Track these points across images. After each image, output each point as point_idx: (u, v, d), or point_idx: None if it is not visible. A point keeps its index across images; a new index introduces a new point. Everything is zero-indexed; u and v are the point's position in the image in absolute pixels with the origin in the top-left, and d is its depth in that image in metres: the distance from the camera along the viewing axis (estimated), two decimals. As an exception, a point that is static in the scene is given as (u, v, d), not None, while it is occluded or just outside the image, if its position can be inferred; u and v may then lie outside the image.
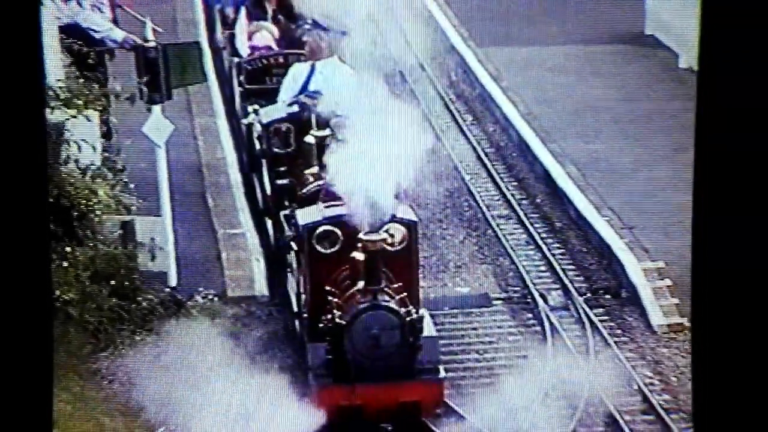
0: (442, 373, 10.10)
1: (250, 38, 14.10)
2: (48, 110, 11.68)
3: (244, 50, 14.09)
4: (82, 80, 12.17)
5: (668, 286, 12.50)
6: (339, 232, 10.28)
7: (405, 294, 9.98)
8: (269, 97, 12.88)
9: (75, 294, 11.85)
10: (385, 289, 9.91)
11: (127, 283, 12.24)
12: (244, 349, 11.95)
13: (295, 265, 11.07)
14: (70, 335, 11.83)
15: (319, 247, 10.35)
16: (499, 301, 12.67)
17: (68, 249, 11.82)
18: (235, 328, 12.24)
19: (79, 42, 12.50)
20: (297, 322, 11.09)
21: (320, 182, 10.75)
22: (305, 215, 10.66)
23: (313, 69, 12.35)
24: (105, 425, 10.91)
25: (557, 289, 12.82)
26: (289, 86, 12.47)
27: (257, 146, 12.42)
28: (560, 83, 16.94)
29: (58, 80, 12.08)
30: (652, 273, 12.69)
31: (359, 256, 9.93)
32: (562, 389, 11.36)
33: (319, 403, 10.00)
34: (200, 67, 12.70)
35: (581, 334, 12.05)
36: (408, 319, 9.78)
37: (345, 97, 11.62)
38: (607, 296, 12.70)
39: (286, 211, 11.32)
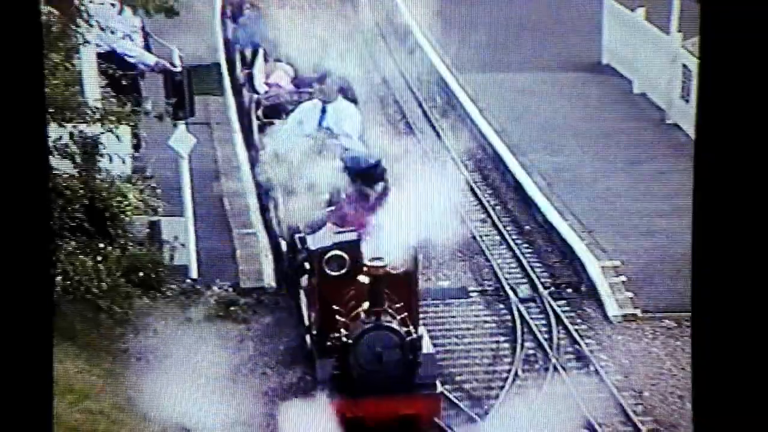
0: (439, 388, 9.89)
1: (267, 77, 13.97)
2: (84, 124, 11.71)
3: (261, 87, 13.91)
4: (115, 100, 12.17)
5: (623, 282, 12.50)
6: (347, 257, 10.03)
7: (405, 314, 9.73)
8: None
9: (107, 286, 11.84)
10: (388, 310, 9.65)
11: (153, 275, 12.23)
12: (255, 332, 12.02)
13: (306, 285, 10.85)
14: (102, 321, 11.83)
15: (328, 270, 10.09)
16: (475, 294, 12.67)
17: (101, 246, 11.80)
18: (246, 314, 12.27)
19: (113, 66, 12.49)
20: (308, 337, 10.82)
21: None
22: (316, 240, 10.40)
23: (324, 109, 12.09)
24: (133, 399, 10.89)
25: (525, 283, 12.82)
26: (298, 126, 12.14)
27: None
28: (529, 104, 16.95)
29: (95, 99, 12.10)
30: (609, 270, 12.68)
31: (364, 279, 9.71)
32: (531, 369, 11.43)
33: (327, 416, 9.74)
34: (219, 83, 12.70)
35: (546, 322, 12.05)
36: (408, 339, 9.55)
37: (355, 131, 11.62)
38: (569, 290, 12.69)
39: (300, 234, 10.94)
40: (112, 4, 12.75)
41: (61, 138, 11.44)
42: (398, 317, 9.64)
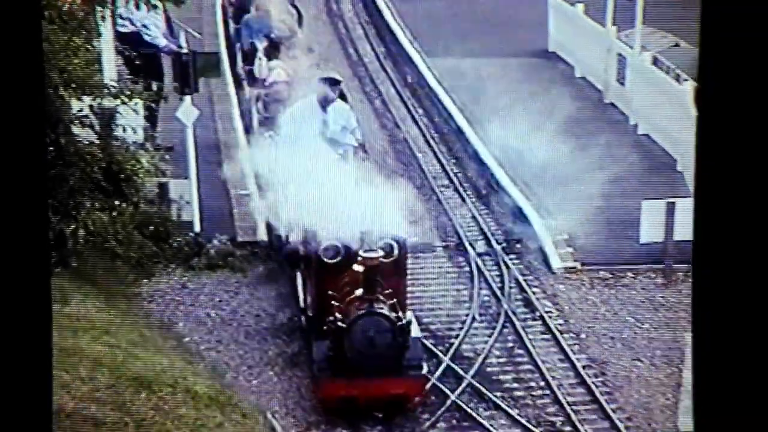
0: (425, 370, 9.53)
1: (267, 74, 13.42)
2: (102, 99, 11.52)
3: (260, 83, 13.39)
4: (130, 77, 11.97)
5: (565, 238, 12.49)
6: (340, 245, 9.61)
7: (395, 300, 9.35)
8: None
9: (122, 237, 11.69)
10: (380, 297, 9.27)
11: (161, 229, 12.06)
12: (249, 280, 11.93)
13: (303, 267, 10.37)
14: (118, 267, 11.70)
15: (324, 258, 9.66)
16: (440, 248, 12.63)
17: (117, 203, 11.64)
18: (242, 264, 12.17)
19: (128, 48, 12.26)
20: (303, 318, 10.43)
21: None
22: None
23: (326, 111, 11.43)
24: (145, 335, 10.81)
25: (482, 239, 12.78)
26: (296, 120, 11.43)
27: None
28: (486, 85, 16.82)
29: (112, 78, 11.88)
30: (552, 228, 12.66)
31: (358, 268, 9.35)
32: (486, 313, 11.41)
33: (322, 394, 9.48)
34: (219, 69, 12.49)
35: (499, 273, 12.04)
36: (398, 324, 9.19)
37: (352, 127, 11.34)
38: (519, 245, 12.65)
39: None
40: None
41: (81, 110, 11.27)
42: (389, 303, 9.27)
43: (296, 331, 10.80)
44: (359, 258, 9.32)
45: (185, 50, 12.01)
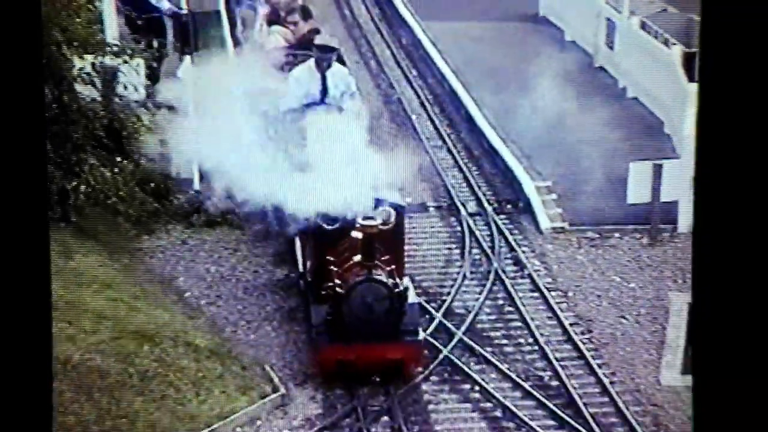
0: (421, 335, 9.47)
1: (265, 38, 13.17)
2: (105, 57, 11.37)
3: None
4: (132, 37, 11.82)
5: (554, 199, 12.43)
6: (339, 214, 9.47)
7: (393, 267, 9.20)
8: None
9: (123, 194, 11.62)
10: (378, 264, 9.12)
11: (162, 186, 12.02)
12: (248, 237, 11.88)
13: (299, 238, 10.29)
14: (119, 223, 11.64)
15: (322, 224, 9.51)
16: (432, 208, 12.54)
17: (118, 160, 11.56)
18: (240, 222, 12.09)
19: (129, 8, 12.09)
20: (301, 282, 10.28)
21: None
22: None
23: (324, 77, 11.07)
24: (147, 290, 10.78)
25: (473, 200, 12.69)
26: (296, 83, 11.11)
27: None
28: (479, 49, 16.70)
29: (114, 38, 11.74)
30: (542, 189, 12.59)
31: (357, 235, 9.16)
32: (477, 271, 11.40)
33: (321, 357, 9.36)
34: (220, 34, 12.32)
35: (489, 233, 11.97)
36: (396, 290, 9.08)
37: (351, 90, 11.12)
38: (509, 206, 12.57)
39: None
40: None
41: (84, 68, 11.13)
42: (387, 269, 9.15)
43: (293, 287, 10.77)
44: (358, 225, 9.18)
45: (185, 11, 11.85)
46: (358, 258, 9.17)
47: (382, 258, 9.20)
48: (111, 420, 8.76)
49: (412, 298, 9.39)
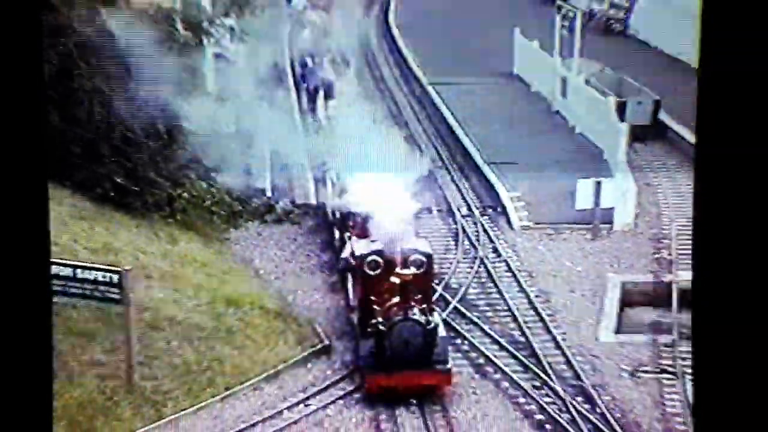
0: (450, 364, 8.65)
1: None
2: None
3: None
4: None
5: (522, 205, 12.37)
6: (381, 261, 8.82)
7: (425, 305, 8.58)
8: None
9: (217, 199, 11.70)
10: (413, 304, 8.47)
11: (243, 194, 12.05)
12: (303, 230, 11.89)
13: (350, 278, 9.53)
14: (213, 221, 11.70)
15: (367, 270, 8.87)
16: (435, 211, 12.51)
17: (212, 174, 11.60)
18: (298, 219, 12.12)
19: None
20: (353, 316, 9.38)
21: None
22: (359, 248, 9.05)
23: None
24: (233, 268, 10.83)
25: (465, 205, 12.68)
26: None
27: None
28: (470, 97, 16.51)
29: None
30: (514, 198, 12.55)
31: (395, 280, 8.60)
32: (467, 257, 11.36)
33: (368, 384, 8.62)
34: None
35: (476, 230, 11.97)
36: (428, 327, 8.42)
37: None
38: (490, 210, 12.53)
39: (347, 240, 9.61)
40: None
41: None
42: (420, 308, 8.52)
43: (333, 267, 10.74)
44: (396, 272, 8.69)
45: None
46: (396, 299, 8.58)
47: (416, 297, 8.60)
48: (207, 362, 8.81)
49: (441, 332, 8.68)
